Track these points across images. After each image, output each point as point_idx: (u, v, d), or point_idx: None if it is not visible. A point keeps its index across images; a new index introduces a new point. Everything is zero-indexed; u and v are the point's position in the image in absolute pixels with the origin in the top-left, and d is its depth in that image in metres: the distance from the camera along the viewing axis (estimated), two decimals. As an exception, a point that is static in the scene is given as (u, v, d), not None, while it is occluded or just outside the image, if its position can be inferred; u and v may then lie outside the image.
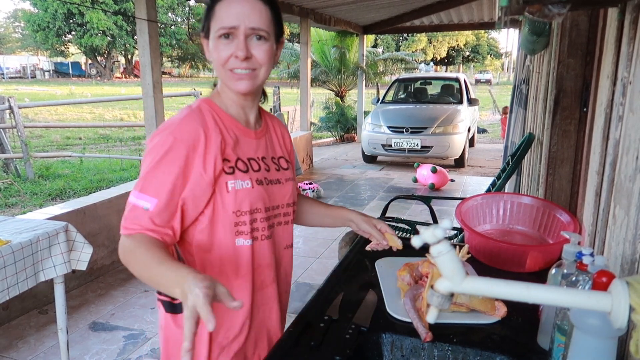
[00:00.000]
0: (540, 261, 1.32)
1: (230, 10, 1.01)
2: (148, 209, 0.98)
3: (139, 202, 0.99)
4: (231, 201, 1.06)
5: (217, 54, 1.04)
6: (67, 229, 2.34)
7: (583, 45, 2.20)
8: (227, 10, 1.01)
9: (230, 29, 1.01)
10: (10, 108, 6.83)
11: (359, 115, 10.65)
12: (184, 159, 1.00)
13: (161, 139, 1.01)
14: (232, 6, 1.01)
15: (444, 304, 0.83)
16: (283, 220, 1.18)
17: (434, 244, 0.80)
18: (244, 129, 1.13)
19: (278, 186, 1.16)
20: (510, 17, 1.15)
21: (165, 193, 1.00)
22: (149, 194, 0.99)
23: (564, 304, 0.74)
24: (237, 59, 1.03)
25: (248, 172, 1.09)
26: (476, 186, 6.56)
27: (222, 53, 1.03)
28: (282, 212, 1.18)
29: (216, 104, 1.11)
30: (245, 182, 1.07)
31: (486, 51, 46.13)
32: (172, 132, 1.01)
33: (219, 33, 1.02)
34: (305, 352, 1.00)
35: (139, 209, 0.99)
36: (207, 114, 1.07)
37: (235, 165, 1.08)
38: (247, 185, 1.08)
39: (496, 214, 1.59)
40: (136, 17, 3.99)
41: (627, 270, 0.96)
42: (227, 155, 1.07)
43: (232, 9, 1.01)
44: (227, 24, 1.01)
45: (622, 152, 1.08)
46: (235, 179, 1.06)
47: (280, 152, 1.23)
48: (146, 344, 2.77)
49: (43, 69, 41.21)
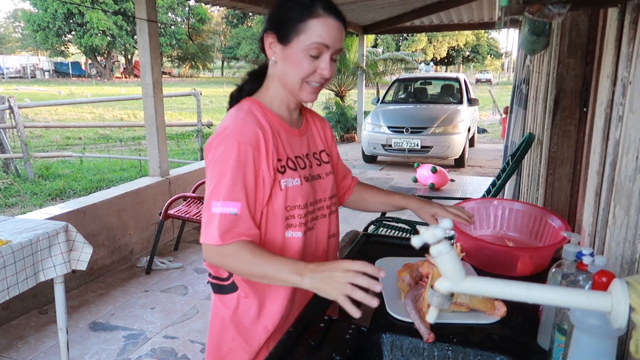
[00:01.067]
0: (531, 265, 1.32)
1: (327, 31, 1.07)
2: (236, 214, 1.05)
3: (225, 209, 1.05)
4: (283, 198, 1.13)
5: (300, 66, 1.09)
6: (67, 229, 2.34)
7: (583, 45, 2.20)
8: (324, 30, 1.07)
9: (323, 47, 1.08)
10: (10, 108, 6.83)
11: (359, 115, 10.65)
12: (252, 160, 1.08)
13: (227, 147, 1.07)
14: (329, 27, 1.08)
15: (444, 304, 0.83)
16: (327, 212, 1.26)
17: (434, 244, 0.80)
18: (290, 129, 1.20)
19: (320, 181, 1.23)
20: (510, 17, 1.15)
21: (246, 195, 1.07)
22: (232, 200, 1.05)
23: (564, 304, 0.74)
24: (321, 76, 1.11)
25: (297, 170, 1.17)
26: (476, 186, 6.56)
27: (307, 66, 1.09)
28: (325, 204, 1.25)
29: (263, 103, 1.18)
30: (295, 180, 1.15)
31: (486, 51, 46.13)
32: (235, 137, 1.07)
33: (311, 47, 1.07)
34: (305, 352, 1.00)
35: (228, 217, 1.05)
36: (258, 114, 1.14)
37: (287, 163, 1.15)
38: (297, 182, 1.15)
39: (487, 221, 1.58)
40: (136, 17, 3.99)
41: (627, 270, 0.96)
42: (279, 154, 1.14)
43: (329, 30, 1.08)
44: (323, 41, 1.07)
45: (622, 152, 1.08)
46: (287, 177, 1.14)
47: (322, 145, 1.30)
48: (146, 344, 2.77)
49: (43, 69, 41.22)
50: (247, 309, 1.20)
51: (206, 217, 1.07)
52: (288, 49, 1.10)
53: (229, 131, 1.09)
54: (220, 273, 1.21)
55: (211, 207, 1.06)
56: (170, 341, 2.81)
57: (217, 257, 1.07)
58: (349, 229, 4.12)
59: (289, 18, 1.08)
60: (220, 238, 1.04)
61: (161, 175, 4.29)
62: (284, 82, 1.14)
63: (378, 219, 3.41)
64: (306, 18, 1.07)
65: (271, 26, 1.11)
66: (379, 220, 3.40)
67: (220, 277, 1.22)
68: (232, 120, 1.11)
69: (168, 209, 3.76)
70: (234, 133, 1.08)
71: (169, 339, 2.82)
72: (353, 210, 1.59)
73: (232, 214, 1.05)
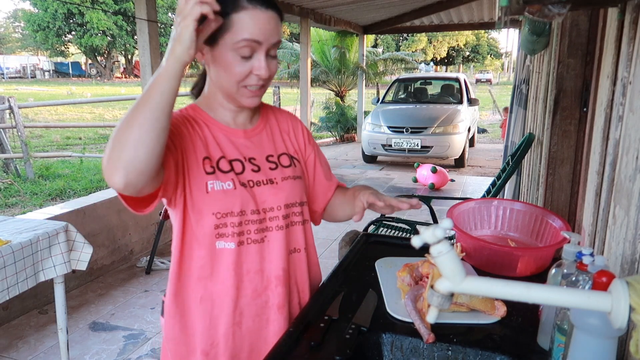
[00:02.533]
0: (532, 265, 1.32)
1: (255, 24, 0.95)
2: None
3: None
4: (210, 202, 1.02)
5: (232, 69, 0.97)
6: (67, 229, 2.34)
7: (583, 45, 2.21)
8: (252, 24, 0.94)
9: (254, 43, 0.95)
10: (10, 108, 6.83)
11: (359, 115, 10.65)
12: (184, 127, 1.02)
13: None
14: (257, 19, 0.95)
15: (444, 304, 0.83)
16: (284, 223, 1.10)
17: (434, 244, 0.80)
18: (231, 130, 1.09)
19: (270, 187, 1.08)
20: (510, 17, 1.15)
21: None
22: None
23: (564, 304, 0.74)
24: (257, 77, 0.99)
25: (230, 173, 1.04)
26: (476, 186, 6.56)
27: (239, 68, 0.97)
28: (280, 214, 1.09)
29: (201, 107, 1.09)
30: (227, 184, 1.03)
31: (486, 51, 46.13)
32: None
33: (239, 46, 0.95)
34: (305, 352, 1.00)
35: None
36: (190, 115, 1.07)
37: (217, 165, 1.04)
38: (228, 186, 1.03)
39: (487, 221, 1.58)
40: (136, 17, 3.99)
41: (627, 270, 0.96)
42: (209, 152, 1.04)
43: (257, 23, 0.95)
44: (251, 37, 0.95)
45: (622, 152, 1.08)
46: (216, 179, 1.02)
47: (283, 148, 1.16)
48: (146, 344, 2.77)
49: (43, 69, 41.24)
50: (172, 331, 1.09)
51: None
52: (215, 50, 0.97)
53: None
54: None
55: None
56: (170, 341, 2.80)
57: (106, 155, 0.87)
58: (349, 229, 4.12)
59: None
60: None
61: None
62: (219, 87, 1.04)
63: (378, 219, 3.41)
64: (230, 13, 0.93)
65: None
66: (379, 220, 3.40)
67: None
68: None
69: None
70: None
71: (169, 339, 2.82)
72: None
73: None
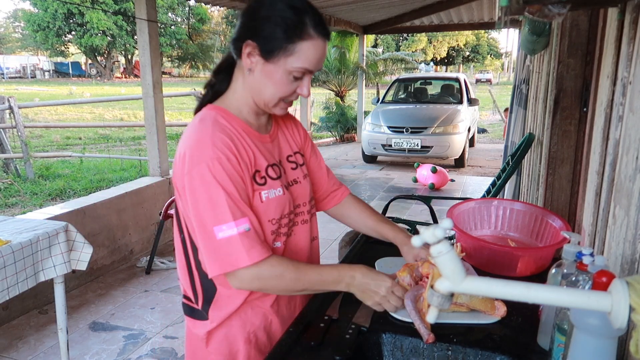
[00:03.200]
0: (532, 265, 1.32)
1: (316, 55, 1.01)
2: (250, 229, 0.98)
3: (240, 229, 0.97)
4: (266, 210, 1.06)
5: (281, 86, 1.03)
6: (67, 229, 2.34)
7: (583, 45, 2.21)
8: (313, 54, 1.00)
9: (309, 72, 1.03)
10: (10, 108, 6.83)
11: (359, 115, 10.65)
12: (234, 170, 1.00)
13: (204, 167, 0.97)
14: (318, 50, 1.01)
15: (444, 304, 0.83)
16: (308, 217, 1.20)
17: (434, 244, 0.80)
18: (260, 136, 1.11)
19: (297, 186, 1.17)
20: (510, 17, 1.15)
21: (247, 209, 1.00)
22: (239, 217, 0.97)
23: (564, 304, 0.74)
24: (298, 96, 1.06)
25: (277, 179, 1.09)
26: (476, 186, 6.56)
27: (288, 87, 1.03)
28: (306, 209, 1.19)
29: (228, 110, 1.08)
30: (278, 190, 1.08)
31: (486, 51, 46.12)
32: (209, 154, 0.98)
33: (296, 71, 1.01)
34: (305, 352, 1.00)
35: (245, 235, 0.97)
36: (226, 124, 1.05)
37: (266, 173, 1.07)
38: (279, 192, 1.08)
39: (487, 221, 1.58)
40: (136, 17, 3.99)
41: (627, 270, 0.96)
42: (258, 165, 1.06)
43: (317, 54, 1.01)
44: (309, 67, 1.01)
45: (622, 152, 1.08)
46: (269, 188, 1.07)
47: (296, 147, 1.22)
48: (146, 344, 2.77)
49: (43, 69, 41.23)
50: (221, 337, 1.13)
51: (215, 248, 0.97)
52: (270, 65, 1.01)
53: (199, 150, 0.99)
54: (189, 293, 1.15)
55: (216, 235, 0.96)
56: (170, 341, 2.80)
57: (255, 283, 1.01)
58: (349, 229, 4.12)
59: (276, 35, 0.98)
60: (249, 257, 0.96)
61: (161, 175, 4.29)
62: (258, 94, 1.06)
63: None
64: (296, 39, 0.98)
65: (253, 36, 1.00)
66: (379, 220, 3.40)
67: (190, 297, 1.15)
68: (199, 135, 1.01)
69: (168, 209, 3.76)
70: (207, 149, 0.98)
71: (169, 339, 2.82)
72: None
73: (246, 231, 0.97)
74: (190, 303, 1.16)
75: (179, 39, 35.70)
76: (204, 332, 1.13)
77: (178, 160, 1.02)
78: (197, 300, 1.13)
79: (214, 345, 1.13)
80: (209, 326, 1.12)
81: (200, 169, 0.97)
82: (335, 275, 1.04)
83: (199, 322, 1.14)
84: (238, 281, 1.01)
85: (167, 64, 42.53)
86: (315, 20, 1.00)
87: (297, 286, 1.03)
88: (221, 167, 0.98)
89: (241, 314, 1.12)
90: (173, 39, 35.34)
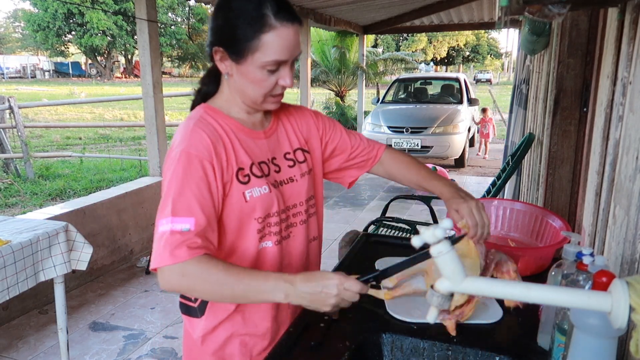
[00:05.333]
0: (532, 265, 1.32)
1: (283, 44, 0.96)
2: (189, 230, 0.93)
3: (175, 226, 0.92)
4: (251, 209, 1.04)
5: (260, 83, 1.00)
6: (67, 229, 2.34)
7: (583, 45, 2.21)
8: (280, 44, 0.96)
9: (282, 62, 0.98)
10: (10, 108, 6.83)
11: (359, 115, 10.64)
12: (203, 171, 0.97)
13: (177, 161, 0.97)
14: (283, 39, 0.96)
15: (444, 304, 0.83)
16: (306, 217, 1.16)
17: (434, 244, 0.80)
18: (252, 132, 1.10)
19: (291, 185, 1.13)
20: (510, 17, 1.15)
21: (198, 209, 0.95)
22: (183, 216, 0.93)
23: (564, 304, 0.74)
24: (282, 87, 1.03)
25: (264, 177, 1.07)
26: (476, 186, 6.56)
27: (267, 83, 1.00)
28: (303, 209, 1.15)
29: (219, 109, 1.08)
30: (263, 188, 1.05)
31: (486, 51, 46.11)
32: (184, 149, 0.98)
33: (268, 65, 0.97)
34: (305, 352, 1.00)
35: (178, 233, 0.92)
36: (212, 121, 1.04)
37: (251, 171, 1.05)
38: (264, 190, 1.05)
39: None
40: (136, 17, 3.99)
41: (627, 270, 0.96)
42: (241, 162, 1.04)
43: (284, 43, 0.96)
44: (279, 57, 0.97)
45: (622, 152, 1.08)
46: (252, 186, 1.04)
47: (297, 143, 1.18)
48: (146, 344, 2.77)
49: (43, 69, 41.22)
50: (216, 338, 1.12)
51: (154, 241, 0.94)
52: (242, 66, 0.99)
53: (177, 144, 0.99)
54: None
55: (157, 228, 0.94)
56: (170, 341, 2.80)
57: (179, 280, 0.92)
58: (349, 229, 4.12)
59: (238, 35, 0.96)
60: (171, 255, 0.90)
61: (161, 175, 4.28)
62: (243, 95, 1.05)
63: (378, 219, 3.41)
64: (258, 34, 0.95)
65: (218, 41, 0.99)
66: (379, 220, 3.40)
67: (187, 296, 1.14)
68: (182, 131, 1.02)
69: (168, 209, 3.75)
70: (183, 145, 0.98)
71: (169, 339, 2.82)
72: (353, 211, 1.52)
73: (183, 231, 0.92)
74: (186, 301, 1.15)
75: (179, 39, 35.66)
76: (199, 330, 1.13)
77: (167, 153, 1.04)
78: (196, 299, 1.13)
79: (210, 344, 1.13)
80: (204, 325, 1.12)
81: (173, 161, 0.98)
82: (270, 284, 0.91)
83: (195, 320, 1.14)
84: (163, 280, 0.93)
85: (167, 64, 42.47)
86: (276, 7, 0.95)
87: (224, 289, 0.92)
88: (189, 162, 0.97)
89: (237, 315, 1.12)
90: (173, 39, 35.31)
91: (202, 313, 1.12)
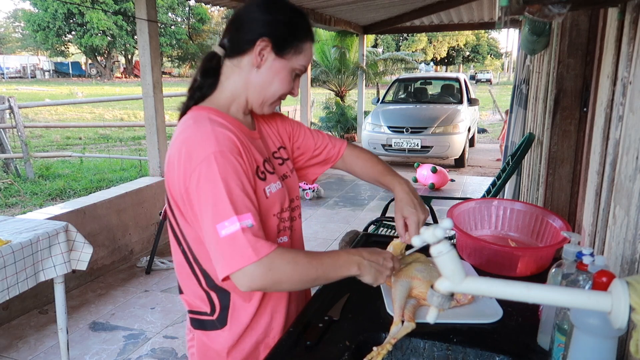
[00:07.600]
0: (532, 265, 1.32)
1: (310, 57, 1.10)
2: (253, 225, 0.92)
3: (243, 224, 0.91)
4: (271, 205, 1.07)
5: (285, 84, 1.08)
6: (67, 229, 2.34)
7: (583, 45, 2.21)
8: (309, 56, 1.10)
9: (304, 71, 1.11)
10: (10, 108, 6.83)
11: (359, 115, 10.65)
12: (239, 166, 0.97)
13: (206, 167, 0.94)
14: (311, 53, 1.11)
15: (444, 304, 0.83)
16: (300, 211, 1.23)
17: (434, 244, 0.80)
18: (250, 132, 1.12)
19: (288, 180, 1.17)
20: (510, 17, 1.15)
21: (250, 204, 0.95)
22: (243, 213, 0.92)
23: (564, 304, 0.74)
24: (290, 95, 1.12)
25: (274, 173, 1.10)
26: (476, 186, 6.56)
27: (288, 86, 1.09)
28: (298, 203, 1.22)
29: (220, 110, 1.07)
30: (277, 184, 1.09)
31: (486, 51, 46.10)
32: (211, 151, 0.95)
33: (299, 68, 1.09)
34: (304, 352, 1.00)
35: (248, 230, 0.91)
36: (222, 121, 1.03)
37: (265, 168, 1.08)
38: (279, 186, 1.09)
39: (487, 221, 1.58)
40: (136, 17, 3.99)
41: (627, 270, 0.96)
42: (256, 160, 1.06)
43: (311, 56, 1.11)
44: (306, 66, 1.10)
45: (622, 152, 1.08)
46: (269, 182, 1.07)
47: (278, 142, 1.22)
48: (146, 344, 2.77)
49: (43, 69, 41.24)
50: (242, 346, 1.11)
51: (219, 247, 0.92)
52: (278, 62, 1.05)
53: (202, 147, 0.96)
54: (201, 307, 1.11)
55: (219, 233, 0.91)
56: (170, 341, 2.81)
57: (265, 275, 0.91)
58: (349, 228, 4.12)
59: (293, 34, 1.05)
60: (254, 252, 0.90)
61: (161, 175, 4.29)
62: (259, 91, 1.07)
63: (378, 219, 3.41)
64: (306, 39, 1.08)
65: (271, 33, 1.03)
66: (379, 220, 3.41)
67: (201, 311, 1.11)
68: (199, 132, 0.98)
69: (168, 209, 3.76)
70: (212, 147, 0.95)
71: (169, 339, 2.82)
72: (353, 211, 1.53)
73: (249, 227, 0.91)
74: (200, 316, 1.12)
75: (179, 39, 35.69)
76: (223, 342, 1.10)
77: (175, 162, 0.98)
78: (214, 311, 1.10)
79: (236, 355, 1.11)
80: (228, 335, 1.10)
81: (206, 164, 0.94)
82: (343, 259, 1.00)
83: (214, 332, 1.10)
84: (248, 279, 0.91)
85: (167, 64, 42.52)
86: (310, 24, 1.10)
87: (311, 272, 0.96)
88: (226, 160, 0.95)
89: (259, 320, 1.11)
90: (173, 39, 35.33)
91: (223, 324, 1.09)
